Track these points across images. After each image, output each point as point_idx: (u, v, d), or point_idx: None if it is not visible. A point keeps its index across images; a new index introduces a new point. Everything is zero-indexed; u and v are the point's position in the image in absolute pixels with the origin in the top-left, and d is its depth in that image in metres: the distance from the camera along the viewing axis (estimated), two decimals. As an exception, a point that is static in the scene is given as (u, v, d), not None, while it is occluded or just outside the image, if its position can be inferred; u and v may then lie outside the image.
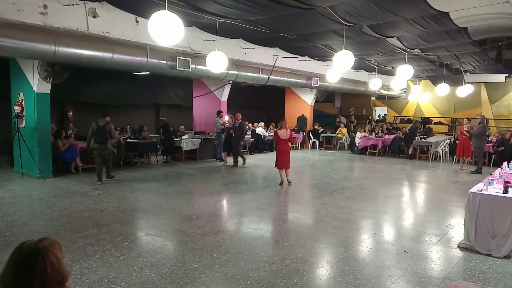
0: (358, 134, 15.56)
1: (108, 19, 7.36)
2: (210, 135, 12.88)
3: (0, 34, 6.17)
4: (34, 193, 7.59)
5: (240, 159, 11.72)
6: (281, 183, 8.94)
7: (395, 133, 15.42)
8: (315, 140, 17.16)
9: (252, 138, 14.68)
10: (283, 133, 8.82)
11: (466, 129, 11.35)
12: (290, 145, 9.21)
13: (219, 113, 12.44)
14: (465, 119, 12.23)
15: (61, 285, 1.42)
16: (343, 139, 16.98)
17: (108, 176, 8.89)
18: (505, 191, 4.84)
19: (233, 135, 11.51)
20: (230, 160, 11.84)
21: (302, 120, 17.10)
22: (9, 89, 9.42)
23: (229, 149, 11.82)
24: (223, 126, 12.37)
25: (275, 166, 9.05)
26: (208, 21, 7.41)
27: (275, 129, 9.73)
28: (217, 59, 7.78)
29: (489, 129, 13.98)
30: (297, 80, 13.63)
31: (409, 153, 14.10)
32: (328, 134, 17.43)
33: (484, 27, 8.58)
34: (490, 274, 4.26)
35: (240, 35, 9.29)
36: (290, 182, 8.98)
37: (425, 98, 18.42)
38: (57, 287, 1.40)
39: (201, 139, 12.47)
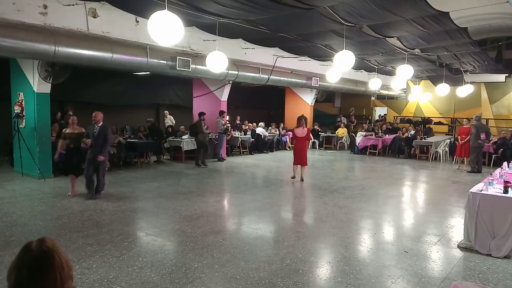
0: (360, 133, 15.58)
1: (108, 19, 7.36)
2: (211, 135, 12.88)
3: (0, 34, 6.18)
4: (34, 193, 7.58)
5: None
6: (293, 177, 9.35)
7: (395, 133, 15.40)
8: (315, 140, 17.16)
9: (252, 138, 14.70)
10: (299, 131, 9.31)
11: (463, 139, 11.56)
12: (307, 143, 9.62)
13: (221, 113, 12.46)
14: (464, 120, 12.30)
15: (72, 280, 1.45)
16: (343, 139, 16.99)
17: (202, 162, 11.17)
18: (505, 191, 4.84)
19: (89, 147, 7.05)
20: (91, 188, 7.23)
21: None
22: (9, 89, 9.42)
23: (74, 168, 7.32)
24: (224, 127, 12.38)
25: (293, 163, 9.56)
26: (208, 21, 7.41)
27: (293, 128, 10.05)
28: (217, 59, 7.78)
29: (489, 129, 13.98)
30: (297, 80, 13.62)
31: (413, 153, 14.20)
32: (328, 134, 17.44)
33: (484, 27, 8.57)
34: (490, 274, 4.26)
35: (240, 35, 9.29)
36: (303, 180, 9.31)
37: (425, 98, 18.42)
38: (70, 282, 1.43)
39: (201, 139, 12.47)
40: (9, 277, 1.36)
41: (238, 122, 15.41)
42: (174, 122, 14.79)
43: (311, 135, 9.92)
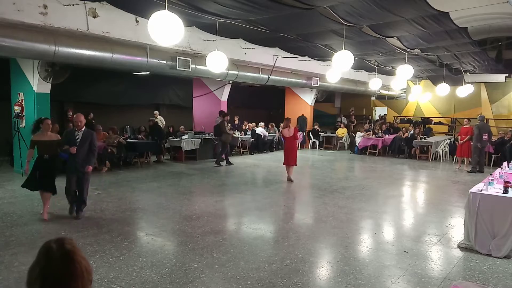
0: (358, 133, 15.60)
1: (108, 19, 7.36)
2: (210, 135, 12.88)
3: (0, 34, 6.18)
4: (34, 193, 7.54)
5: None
6: (288, 179, 9.31)
7: (396, 133, 15.40)
8: (315, 140, 17.17)
9: (252, 138, 14.70)
10: (286, 132, 9.32)
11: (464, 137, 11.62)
12: (296, 143, 9.56)
13: (221, 113, 12.48)
14: (465, 120, 12.31)
15: (91, 283, 1.44)
16: (343, 139, 16.99)
17: (216, 162, 11.45)
18: (505, 191, 4.84)
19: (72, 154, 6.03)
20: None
21: (302, 120, 17.10)
22: (9, 89, 9.42)
23: (46, 183, 6.16)
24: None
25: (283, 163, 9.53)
26: (208, 21, 7.40)
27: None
28: (217, 59, 7.78)
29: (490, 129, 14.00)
30: (297, 80, 13.62)
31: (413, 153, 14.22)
32: (328, 134, 17.44)
33: (484, 27, 8.56)
34: (490, 274, 4.26)
35: (240, 35, 9.28)
36: (292, 180, 9.23)
37: (425, 98, 18.42)
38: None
39: (201, 139, 12.48)
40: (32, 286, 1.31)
41: (236, 122, 15.40)
42: (164, 123, 14.59)
43: (298, 134, 9.95)
